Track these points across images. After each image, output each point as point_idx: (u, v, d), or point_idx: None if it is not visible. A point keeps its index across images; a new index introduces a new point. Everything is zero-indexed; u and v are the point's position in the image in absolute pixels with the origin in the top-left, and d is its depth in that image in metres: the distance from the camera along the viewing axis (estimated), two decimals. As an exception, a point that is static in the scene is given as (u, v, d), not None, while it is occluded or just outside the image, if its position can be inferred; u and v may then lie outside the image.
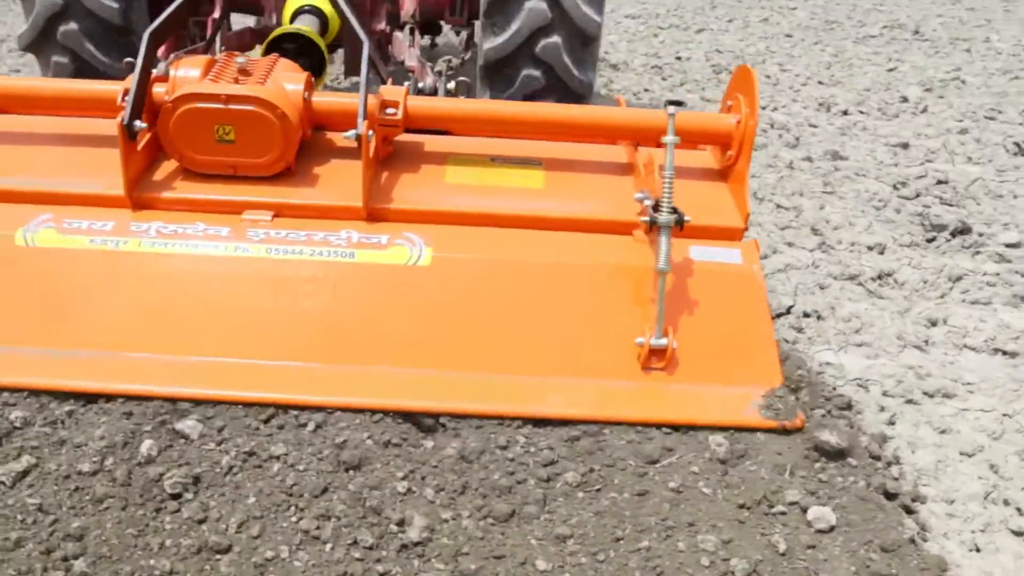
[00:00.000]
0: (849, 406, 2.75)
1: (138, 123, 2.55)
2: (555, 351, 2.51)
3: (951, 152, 5.58)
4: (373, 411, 2.35)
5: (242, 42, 3.96)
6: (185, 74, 2.70)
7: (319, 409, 2.34)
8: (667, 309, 2.51)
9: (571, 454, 2.29)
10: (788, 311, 3.48)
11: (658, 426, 2.41)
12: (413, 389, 2.40)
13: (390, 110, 2.72)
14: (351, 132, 2.59)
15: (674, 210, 2.47)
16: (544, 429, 2.35)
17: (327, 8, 3.51)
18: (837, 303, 3.54)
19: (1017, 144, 5.65)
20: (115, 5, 3.65)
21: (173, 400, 2.33)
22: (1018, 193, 4.92)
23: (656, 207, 2.50)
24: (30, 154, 2.81)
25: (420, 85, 3.24)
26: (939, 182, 4.96)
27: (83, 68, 3.61)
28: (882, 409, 2.91)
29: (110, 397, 2.32)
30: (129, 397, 2.32)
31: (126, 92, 2.67)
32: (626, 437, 2.35)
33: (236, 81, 2.66)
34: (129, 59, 3.41)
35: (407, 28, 3.66)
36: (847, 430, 2.49)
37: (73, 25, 3.65)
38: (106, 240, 2.56)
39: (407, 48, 3.76)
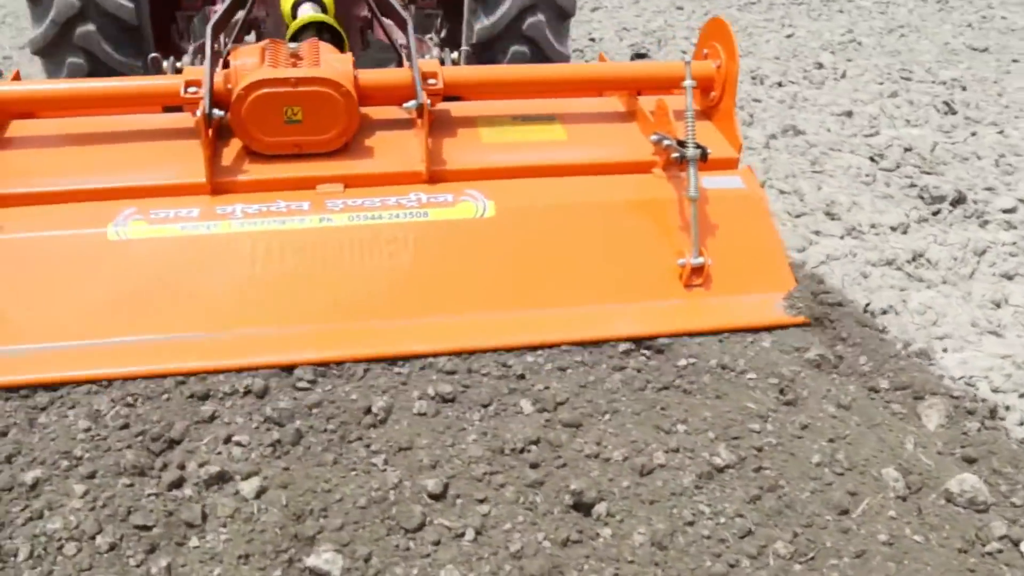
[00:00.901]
0: (993, 413, 2.65)
1: (216, 111, 2.72)
2: (609, 280, 2.90)
3: (890, 116, 5.93)
4: (472, 352, 2.67)
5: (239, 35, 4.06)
6: (244, 63, 2.86)
7: (420, 357, 2.62)
8: (684, 231, 2.94)
9: (763, 519, 2.14)
10: (866, 310, 3.35)
11: (710, 334, 2.85)
12: (500, 330, 2.73)
13: (431, 80, 2.98)
14: (411, 103, 2.85)
15: (698, 145, 2.88)
16: (724, 476, 2.25)
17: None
18: (906, 295, 3.54)
19: (947, 103, 6.09)
20: (130, 5, 3.71)
21: (290, 368, 2.54)
22: (980, 154, 5.19)
23: (682, 144, 2.90)
24: (93, 154, 2.91)
25: (452, 56, 3.47)
26: (905, 150, 5.13)
27: (97, 69, 3.64)
28: (1008, 408, 2.79)
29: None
30: (257, 369, 2.54)
31: (188, 84, 2.83)
32: (806, 487, 2.23)
33: (294, 65, 2.86)
34: (154, 55, 3.53)
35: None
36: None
37: (90, 26, 3.69)
38: (196, 226, 2.73)
39: (397, 29, 3.97)
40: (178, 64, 3.47)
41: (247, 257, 2.72)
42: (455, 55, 3.53)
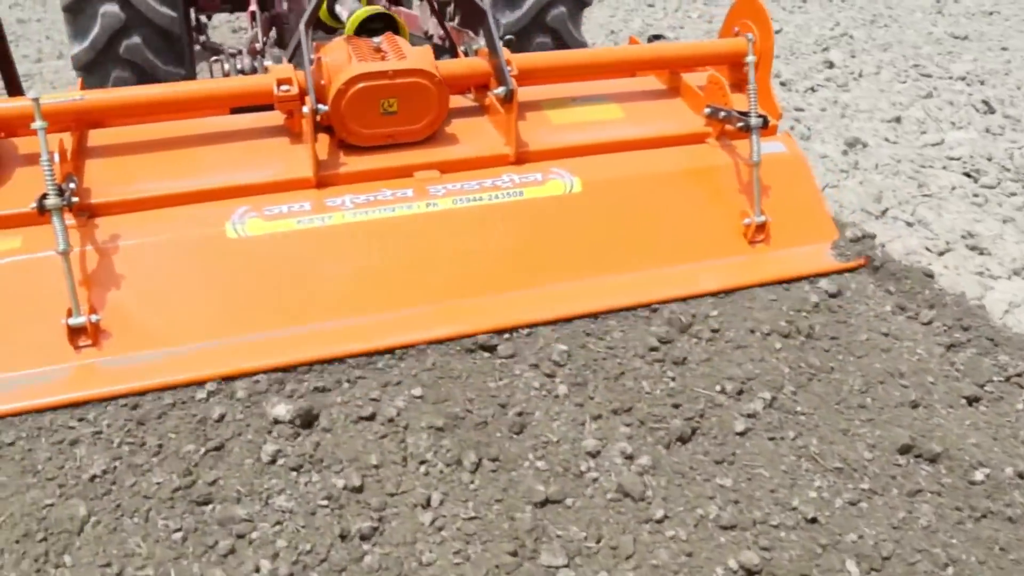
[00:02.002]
0: None
1: (322, 106, 2.80)
2: (685, 242, 3.16)
3: (936, 119, 5.95)
4: (583, 317, 2.88)
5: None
6: (333, 59, 2.94)
7: (542, 324, 2.81)
8: (743, 192, 3.24)
9: None
10: None
11: (779, 283, 3.15)
12: (603, 294, 2.95)
13: (507, 67, 3.15)
14: (500, 89, 3.01)
15: (760, 114, 3.17)
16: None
17: None
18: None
19: (985, 103, 6.17)
20: (174, 13, 3.66)
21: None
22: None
23: (744, 114, 3.19)
24: (189, 157, 2.93)
25: (475, 47, 3.60)
26: (988, 159, 5.13)
27: (142, 81, 3.59)
28: None
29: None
30: (392, 350, 2.66)
31: (280, 82, 2.89)
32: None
33: (383, 58, 2.96)
34: (216, 57, 3.53)
35: (421, 3, 3.94)
36: None
37: (136, 38, 3.64)
38: (312, 219, 2.81)
39: (432, 20, 4.06)
40: (227, 65, 3.51)
41: (364, 245, 2.82)
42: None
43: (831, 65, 7.21)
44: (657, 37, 3.79)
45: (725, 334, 2.86)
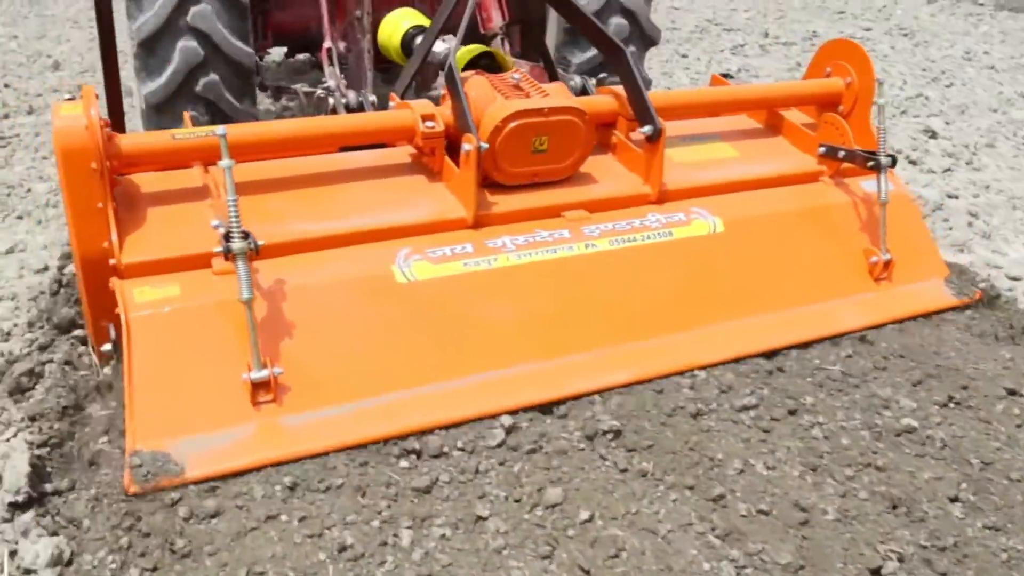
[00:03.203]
0: None
1: (483, 144, 2.69)
2: (818, 280, 3.16)
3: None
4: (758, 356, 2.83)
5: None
6: (477, 96, 2.84)
7: (720, 364, 2.76)
8: (864, 230, 3.27)
9: None
10: None
11: (909, 320, 3.18)
12: (759, 334, 2.91)
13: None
14: (647, 128, 2.96)
15: (889, 154, 3.22)
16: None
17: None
18: None
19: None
20: (250, 50, 3.49)
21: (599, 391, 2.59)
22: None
23: (873, 154, 3.22)
24: (331, 196, 2.78)
25: (571, 84, 3.55)
26: None
27: (214, 119, 3.39)
28: None
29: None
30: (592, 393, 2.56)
31: (425, 118, 2.78)
32: None
33: (527, 96, 2.88)
34: (320, 90, 3.41)
35: (497, 39, 3.86)
36: None
37: (213, 75, 3.45)
38: (477, 261, 2.68)
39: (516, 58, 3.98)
40: (331, 100, 3.40)
41: (532, 288, 2.71)
42: (593, 81, 3.63)
43: (933, 134, 5.94)
44: (727, 76, 3.82)
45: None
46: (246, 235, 2.28)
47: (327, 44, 3.79)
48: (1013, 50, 8.75)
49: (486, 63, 3.39)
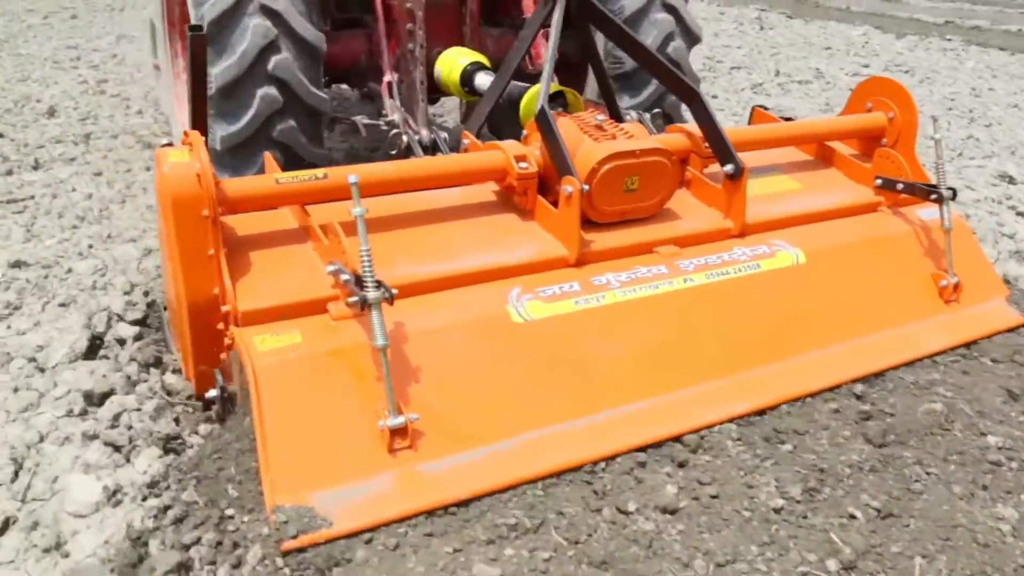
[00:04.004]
0: None
1: (584, 186, 2.72)
2: (899, 304, 3.22)
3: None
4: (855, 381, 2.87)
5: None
6: (566, 137, 2.87)
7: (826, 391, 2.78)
8: (928, 256, 3.36)
9: None
10: None
11: (983, 339, 3.24)
12: (855, 359, 2.94)
13: (706, 144, 3.18)
14: (729, 167, 3.01)
15: (950, 187, 3.32)
16: None
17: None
18: None
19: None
20: (325, 96, 3.48)
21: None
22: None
23: (934, 187, 3.32)
24: (429, 235, 2.78)
25: (627, 118, 3.61)
26: None
27: (288, 164, 3.35)
28: None
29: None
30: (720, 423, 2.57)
31: (519, 158, 2.80)
32: None
33: (613, 137, 2.92)
34: (383, 123, 3.48)
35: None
36: None
37: (291, 121, 3.41)
38: (587, 299, 2.67)
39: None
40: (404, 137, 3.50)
41: (641, 323, 2.71)
42: (647, 116, 3.70)
43: (1011, 180, 5.55)
44: (762, 108, 3.94)
45: None
46: (379, 284, 2.24)
47: (387, 78, 3.81)
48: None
49: (559, 102, 3.44)
